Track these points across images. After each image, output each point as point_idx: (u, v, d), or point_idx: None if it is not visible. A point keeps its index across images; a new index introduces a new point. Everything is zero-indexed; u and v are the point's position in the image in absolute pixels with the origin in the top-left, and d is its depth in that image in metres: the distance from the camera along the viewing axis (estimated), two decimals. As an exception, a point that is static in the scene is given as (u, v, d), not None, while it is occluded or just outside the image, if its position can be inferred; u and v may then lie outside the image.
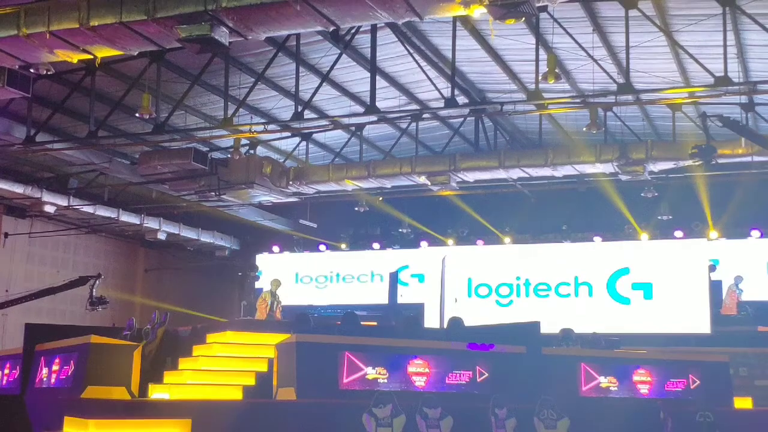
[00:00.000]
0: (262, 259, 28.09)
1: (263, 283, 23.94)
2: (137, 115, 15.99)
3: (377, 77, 16.69)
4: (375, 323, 20.72)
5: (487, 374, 13.01)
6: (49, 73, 13.22)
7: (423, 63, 17.05)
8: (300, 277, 27.91)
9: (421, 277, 26.64)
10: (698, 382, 14.72)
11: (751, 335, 21.61)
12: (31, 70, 12.99)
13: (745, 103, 17.54)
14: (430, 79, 17.31)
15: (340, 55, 16.50)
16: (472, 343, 13.51)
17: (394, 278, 25.73)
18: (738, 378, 18.68)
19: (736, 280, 21.96)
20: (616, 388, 14.14)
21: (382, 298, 25.89)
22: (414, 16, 10.35)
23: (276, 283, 19.69)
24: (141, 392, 12.77)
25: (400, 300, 25.74)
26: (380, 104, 17.12)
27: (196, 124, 19.27)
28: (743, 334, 21.85)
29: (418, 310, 25.72)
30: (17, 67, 12.72)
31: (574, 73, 17.32)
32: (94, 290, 18.71)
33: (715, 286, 22.51)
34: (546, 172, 18.92)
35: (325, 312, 26.14)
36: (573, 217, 26.28)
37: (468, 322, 16.98)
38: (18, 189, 20.95)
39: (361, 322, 17.47)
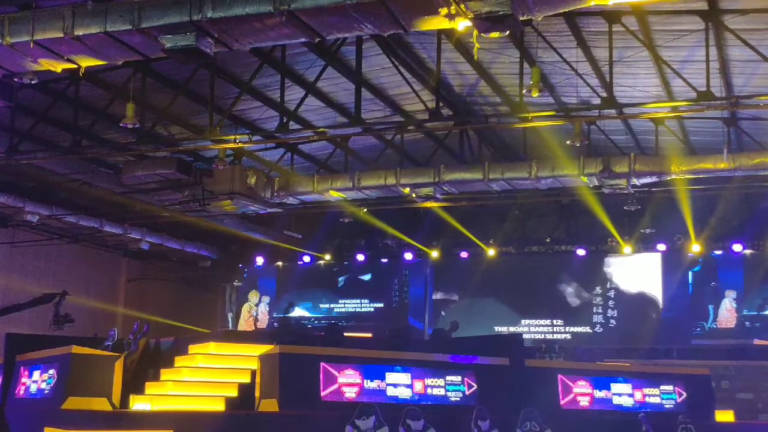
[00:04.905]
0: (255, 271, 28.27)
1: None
2: (122, 124, 15.93)
3: (362, 89, 16.71)
4: (370, 335, 20.76)
5: (470, 386, 13.04)
6: (32, 82, 13.17)
7: (408, 75, 17.10)
8: (295, 287, 27.94)
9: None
10: (679, 395, 14.81)
11: (732, 348, 21.75)
12: (15, 79, 12.94)
13: (728, 117, 17.71)
14: (415, 92, 17.36)
15: (325, 67, 16.52)
16: (455, 355, 13.55)
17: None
18: (720, 391, 18.78)
19: (728, 294, 22.18)
20: (598, 401, 14.20)
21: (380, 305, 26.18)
22: (399, 28, 10.38)
23: (255, 294, 19.72)
24: (122, 403, 12.72)
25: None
26: (365, 116, 17.14)
27: (181, 134, 19.22)
28: (725, 348, 21.99)
29: (405, 321, 25.93)
30: (1, 76, 12.67)
31: (558, 86, 17.41)
32: (60, 308, 18.50)
33: (711, 300, 22.77)
34: (530, 184, 18.98)
35: (319, 323, 26.21)
36: (557, 230, 26.40)
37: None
38: (0, 198, 20.82)
39: (357, 335, 17.49)
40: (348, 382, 12.34)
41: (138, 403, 12.77)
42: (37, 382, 13.73)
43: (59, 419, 12.08)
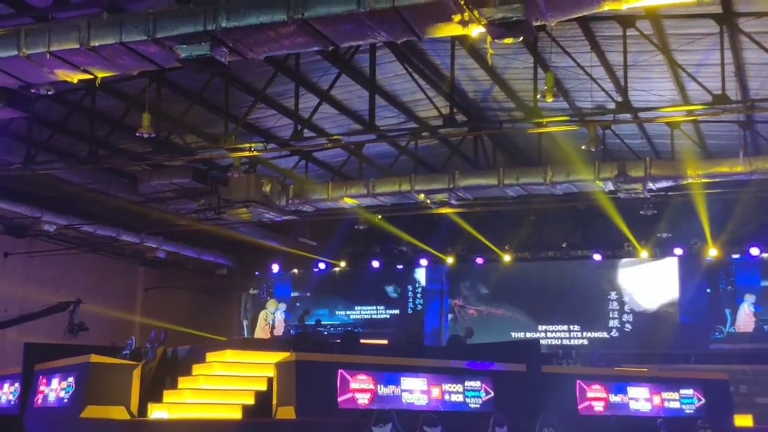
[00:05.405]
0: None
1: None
2: (137, 134, 16.03)
3: (376, 96, 16.74)
4: (385, 342, 20.78)
5: (487, 392, 13.00)
6: (49, 93, 13.27)
7: (422, 82, 17.12)
8: (311, 294, 28.06)
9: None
10: (698, 399, 14.72)
11: (750, 353, 21.62)
12: (32, 90, 13.04)
13: (744, 121, 17.63)
14: (428, 98, 17.37)
15: (339, 75, 16.56)
16: (471, 362, 13.52)
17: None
18: (738, 396, 18.66)
19: (747, 298, 22.11)
20: (616, 406, 14.13)
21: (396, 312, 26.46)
22: (412, 35, 10.39)
23: (274, 303, 19.78)
24: (140, 411, 12.76)
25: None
26: (379, 123, 17.15)
27: (197, 143, 19.32)
28: (743, 352, 21.86)
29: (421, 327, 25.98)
30: (17, 87, 12.78)
31: (573, 91, 17.38)
32: (74, 316, 18.56)
33: (728, 305, 22.68)
34: (545, 189, 18.94)
35: (335, 330, 26.27)
36: (573, 235, 26.32)
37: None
38: (18, 208, 20.97)
39: (372, 342, 17.49)
40: (365, 388, 12.34)
41: (156, 412, 12.80)
42: (55, 390, 13.80)
43: (78, 428, 12.14)
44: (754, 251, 23.24)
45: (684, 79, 15.95)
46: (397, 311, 27.22)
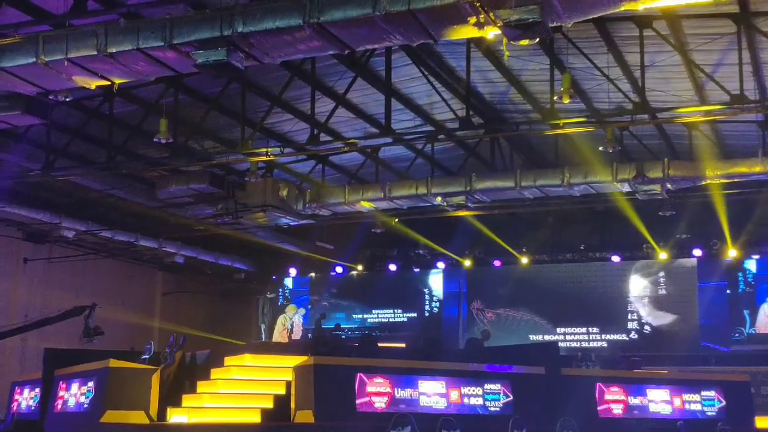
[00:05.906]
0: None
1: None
2: (155, 140, 16.11)
3: (392, 99, 16.74)
4: (403, 345, 20.76)
5: (506, 395, 12.97)
6: (67, 99, 13.34)
7: (438, 84, 17.10)
8: (328, 298, 28.11)
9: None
10: (719, 401, 14.62)
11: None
12: (50, 97, 13.12)
13: (762, 121, 17.51)
14: (444, 101, 17.36)
15: (355, 78, 16.57)
16: (490, 364, 13.49)
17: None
18: (760, 397, 18.53)
19: None
20: (636, 409, 14.06)
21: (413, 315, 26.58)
22: (428, 38, 10.38)
23: (293, 309, 19.84)
24: (160, 416, 12.81)
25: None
26: (396, 126, 17.15)
27: (214, 148, 19.39)
28: (764, 353, 21.69)
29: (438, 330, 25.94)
30: (36, 94, 12.86)
31: (590, 92, 17.32)
32: (90, 320, 18.63)
33: (747, 306, 22.52)
34: (562, 191, 18.87)
35: (353, 334, 26.29)
36: (591, 237, 26.21)
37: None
38: (37, 215, 21.11)
39: (390, 345, 17.47)
40: (382, 392, 12.33)
41: (175, 416, 12.85)
42: (75, 395, 13.88)
43: (98, 433, 12.18)
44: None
45: (701, 79, 15.86)
46: (414, 314, 27.19)
